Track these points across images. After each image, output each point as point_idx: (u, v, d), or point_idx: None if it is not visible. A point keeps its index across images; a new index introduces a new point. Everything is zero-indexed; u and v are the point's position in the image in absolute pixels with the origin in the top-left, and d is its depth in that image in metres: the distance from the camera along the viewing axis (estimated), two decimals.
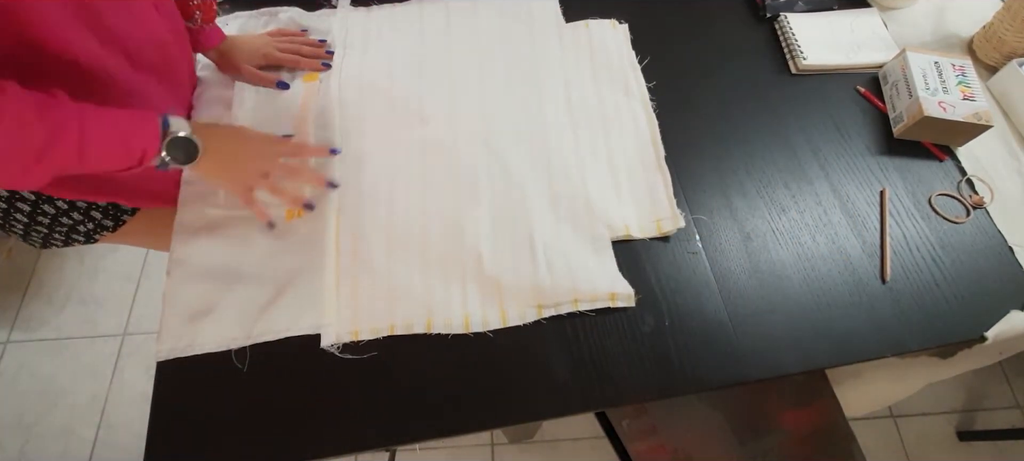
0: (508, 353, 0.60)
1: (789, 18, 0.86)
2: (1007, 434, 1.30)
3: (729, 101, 0.79)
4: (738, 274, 0.66)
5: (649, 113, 0.76)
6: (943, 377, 0.78)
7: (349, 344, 0.59)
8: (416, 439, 0.58)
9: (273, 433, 0.56)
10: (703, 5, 0.90)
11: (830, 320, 0.63)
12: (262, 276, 0.61)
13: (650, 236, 0.67)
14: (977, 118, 0.71)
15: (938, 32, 0.88)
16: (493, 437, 1.36)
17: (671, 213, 0.67)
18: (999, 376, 1.45)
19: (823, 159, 0.74)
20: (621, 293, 0.61)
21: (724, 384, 0.60)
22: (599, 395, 0.58)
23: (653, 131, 0.74)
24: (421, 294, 0.61)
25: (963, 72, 0.76)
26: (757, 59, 0.84)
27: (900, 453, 1.35)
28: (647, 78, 0.80)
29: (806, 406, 0.84)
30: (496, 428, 0.93)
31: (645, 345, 0.61)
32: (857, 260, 0.67)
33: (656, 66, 0.82)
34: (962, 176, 0.73)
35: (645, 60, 0.81)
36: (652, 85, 0.79)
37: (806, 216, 0.70)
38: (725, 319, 0.63)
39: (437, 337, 0.61)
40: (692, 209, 0.70)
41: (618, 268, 0.64)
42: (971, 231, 0.69)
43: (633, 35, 0.84)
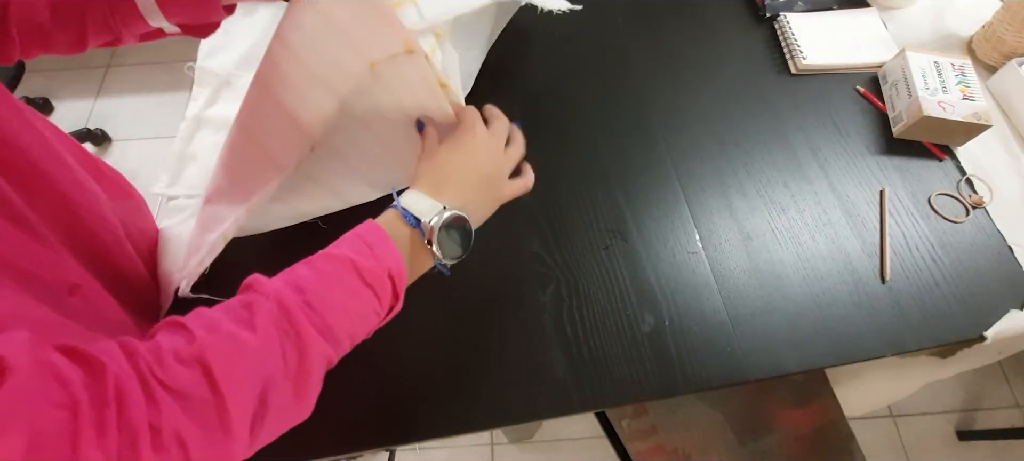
0: (508, 353, 0.60)
1: (789, 18, 0.86)
2: (1006, 434, 1.30)
3: (729, 101, 0.79)
4: (738, 274, 0.66)
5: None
6: (943, 377, 0.78)
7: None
8: (416, 439, 0.58)
9: None
10: (702, 5, 0.90)
11: (830, 320, 0.63)
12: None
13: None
14: (976, 118, 0.71)
15: (937, 32, 0.88)
16: (493, 437, 1.36)
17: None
18: (999, 376, 1.45)
19: (823, 159, 0.74)
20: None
21: (724, 384, 0.60)
22: (599, 395, 0.58)
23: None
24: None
25: (962, 72, 0.76)
26: (757, 59, 0.84)
27: (900, 452, 1.35)
28: (647, 78, 0.80)
29: (806, 406, 0.84)
30: (496, 428, 0.93)
31: (645, 345, 0.61)
32: (857, 260, 0.67)
33: (655, 66, 0.82)
34: (962, 176, 0.73)
35: (639, 57, 0.81)
36: (652, 85, 0.79)
37: (806, 216, 0.70)
38: (725, 319, 0.63)
39: (437, 337, 0.61)
40: (692, 209, 0.70)
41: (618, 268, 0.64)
42: (971, 231, 0.69)
43: (633, 34, 0.84)
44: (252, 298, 0.35)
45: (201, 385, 0.30)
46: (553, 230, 0.68)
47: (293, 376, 0.35)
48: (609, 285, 0.64)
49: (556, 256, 0.66)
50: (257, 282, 0.37)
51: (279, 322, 0.35)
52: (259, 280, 0.37)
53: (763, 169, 0.73)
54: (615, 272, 0.65)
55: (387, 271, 0.40)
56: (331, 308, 0.37)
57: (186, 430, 0.29)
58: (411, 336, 0.61)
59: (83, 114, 1.91)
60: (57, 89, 1.96)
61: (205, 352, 0.31)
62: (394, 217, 0.44)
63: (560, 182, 0.72)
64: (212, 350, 0.31)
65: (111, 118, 1.90)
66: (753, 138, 0.76)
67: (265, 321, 0.34)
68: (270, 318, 0.34)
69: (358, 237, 0.41)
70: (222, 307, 0.35)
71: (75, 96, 1.96)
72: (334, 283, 0.38)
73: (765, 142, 0.76)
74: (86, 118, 1.90)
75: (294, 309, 0.35)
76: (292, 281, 0.37)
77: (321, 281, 0.38)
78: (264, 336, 0.34)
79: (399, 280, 0.42)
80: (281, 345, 0.34)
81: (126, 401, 0.28)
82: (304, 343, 0.35)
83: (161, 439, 0.28)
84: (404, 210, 0.43)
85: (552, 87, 0.80)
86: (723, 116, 0.78)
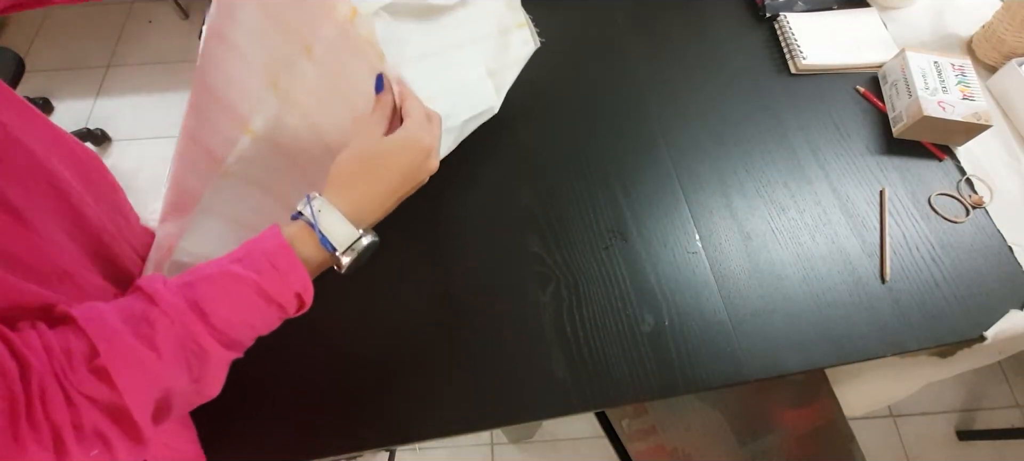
0: (508, 353, 0.60)
1: (789, 18, 0.86)
2: (1006, 434, 1.30)
3: (729, 101, 0.79)
4: (738, 274, 0.66)
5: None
6: (943, 377, 0.78)
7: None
8: (416, 439, 0.58)
9: (272, 433, 0.56)
10: (703, 5, 0.90)
11: (830, 320, 0.63)
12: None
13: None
14: (976, 118, 0.71)
15: (937, 32, 0.88)
16: (493, 437, 1.36)
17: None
18: (998, 376, 1.45)
19: (823, 159, 0.74)
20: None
21: (724, 384, 0.60)
22: (599, 395, 0.58)
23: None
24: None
25: (962, 72, 0.76)
26: (757, 59, 0.84)
27: (900, 452, 1.35)
28: (647, 78, 0.80)
29: (806, 406, 0.84)
30: (496, 428, 0.93)
31: (645, 345, 0.61)
32: (857, 260, 0.67)
33: (655, 66, 0.82)
34: (961, 176, 0.73)
35: (639, 56, 0.81)
36: (652, 85, 0.79)
37: (806, 216, 0.70)
38: (725, 319, 0.63)
39: (436, 337, 0.61)
40: (692, 209, 0.70)
41: (618, 269, 0.64)
42: (970, 231, 0.69)
43: (633, 34, 0.84)
44: (152, 313, 0.36)
45: (107, 394, 0.33)
46: (553, 230, 0.68)
47: (196, 380, 0.37)
48: (609, 285, 0.64)
49: (556, 256, 0.66)
50: (156, 292, 0.37)
51: (183, 341, 0.36)
52: (157, 290, 0.37)
53: (763, 169, 0.73)
54: (615, 272, 0.65)
55: (294, 292, 0.41)
56: (234, 326, 0.38)
57: (104, 426, 0.32)
58: (411, 336, 0.61)
59: (83, 114, 1.91)
60: (57, 89, 1.96)
61: (108, 365, 0.33)
62: (309, 238, 0.42)
63: (560, 182, 0.72)
64: (115, 365, 0.33)
65: (111, 118, 1.90)
66: (753, 138, 0.76)
67: (166, 340, 0.35)
68: (173, 338, 0.36)
69: (265, 256, 0.40)
70: (121, 312, 0.36)
71: (75, 96, 1.95)
72: (237, 304, 0.39)
73: (765, 142, 0.76)
74: (86, 118, 1.90)
75: (197, 330, 0.36)
76: (193, 301, 0.37)
77: (223, 302, 0.38)
78: (166, 355, 0.35)
79: (306, 294, 0.42)
80: (186, 361, 0.36)
81: (48, 401, 0.30)
82: (208, 356, 0.37)
83: (83, 434, 0.32)
84: (322, 236, 0.42)
85: (552, 87, 0.80)
86: (723, 116, 0.78)
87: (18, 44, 2.01)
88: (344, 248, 0.42)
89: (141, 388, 0.34)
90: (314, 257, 0.42)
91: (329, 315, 0.61)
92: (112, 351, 0.33)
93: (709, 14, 0.89)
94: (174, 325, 0.36)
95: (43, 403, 0.30)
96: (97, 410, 0.32)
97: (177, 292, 0.37)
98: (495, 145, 0.74)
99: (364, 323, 0.62)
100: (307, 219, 0.42)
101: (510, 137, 0.75)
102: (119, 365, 0.33)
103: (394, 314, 0.62)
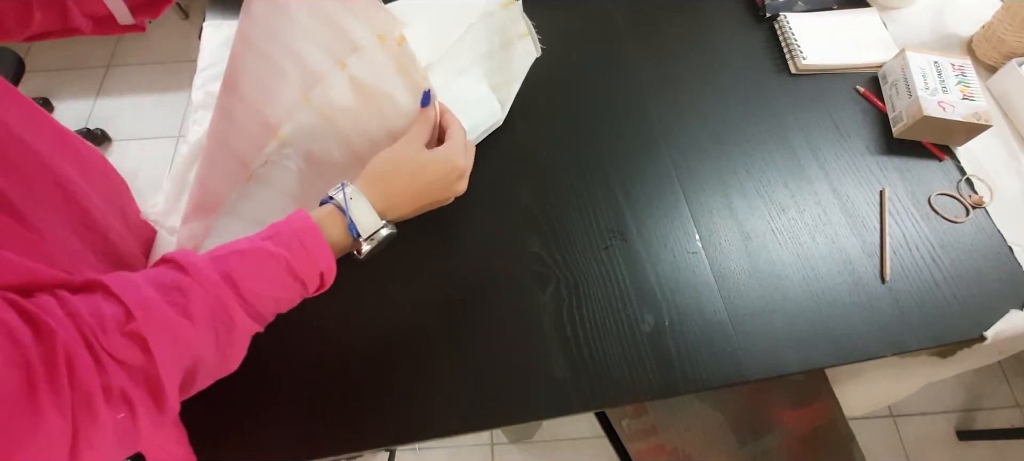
0: (508, 353, 0.60)
1: (789, 18, 0.86)
2: (1006, 434, 1.30)
3: (729, 101, 0.79)
4: (738, 274, 0.66)
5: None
6: (943, 377, 0.78)
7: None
8: (416, 439, 0.58)
9: (272, 433, 0.56)
10: (703, 5, 0.90)
11: (830, 320, 0.63)
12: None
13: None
14: (976, 118, 0.71)
15: (937, 32, 0.88)
16: (493, 437, 1.36)
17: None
18: (998, 376, 1.45)
19: (823, 159, 0.74)
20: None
21: (724, 384, 0.60)
22: (599, 395, 0.58)
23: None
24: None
25: (962, 72, 0.76)
26: (757, 59, 0.84)
27: (900, 452, 1.35)
28: (647, 78, 0.80)
29: (806, 406, 0.84)
30: (496, 428, 0.93)
31: (645, 345, 0.61)
32: (857, 260, 0.67)
33: (655, 66, 0.82)
34: (961, 176, 0.73)
35: (639, 56, 0.81)
36: (652, 85, 0.79)
37: (806, 216, 0.70)
38: (725, 319, 0.63)
39: (436, 337, 0.61)
40: (692, 209, 0.70)
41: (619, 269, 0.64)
42: (970, 231, 0.69)
43: (633, 34, 0.84)
44: (185, 282, 0.37)
45: (140, 359, 0.33)
46: (553, 230, 0.68)
47: (223, 351, 0.39)
48: (609, 285, 0.64)
49: (556, 256, 0.66)
50: (189, 264, 0.38)
51: (214, 311, 0.37)
52: (190, 261, 0.38)
53: (763, 169, 0.73)
54: (615, 272, 0.65)
55: (319, 270, 0.43)
56: (262, 299, 0.40)
57: (132, 391, 0.32)
58: (410, 336, 0.61)
59: (83, 114, 1.91)
60: (57, 89, 1.96)
61: (144, 331, 0.33)
62: (338, 223, 0.45)
63: (560, 182, 0.72)
64: (151, 331, 0.33)
65: (111, 118, 1.90)
66: (753, 138, 0.76)
67: (200, 310, 0.36)
68: (205, 307, 0.37)
69: (295, 236, 0.42)
70: (152, 281, 0.36)
71: (75, 96, 1.96)
72: (267, 279, 0.41)
73: (765, 142, 0.76)
74: (86, 118, 1.90)
75: (228, 301, 0.38)
76: (226, 273, 0.39)
77: (254, 276, 0.40)
78: (199, 324, 0.36)
79: (328, 275, 0.44)
80: (214, 330, 0.37)
81: (76, 364, 0.30)
82: (235, 327, 0.39)
83: (112, 396, 0.31)
84: (351, 222, 0.45)
85: (552, 87, 0.80)
86: (723, 116, 0.78)
87: (18, 44, 2.00)
88: (367, 235, 0.45)
89: (173, 355, 0.34)
90: (339, 241, 0.45)
91: (329, 315, 0.61)
92: (147, 317, 0.34)
93: (709, 14, 0.89)
94: (207, 295, 0.37)
95: (69, 368, 0.30)
96: (126, 374, 0.32)
97: (209, 264, 0.39)
98: (495, 145, 0.74)
99: (364, 323, 0.62)
100: (338, 203, 0.45)
101: (510, 137, 0.75)
102: (154, 330, 0.33)
103: (394, 314, 0.62)
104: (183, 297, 0.36)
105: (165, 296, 0.36)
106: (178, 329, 0.35)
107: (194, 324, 0.36)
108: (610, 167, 0.73)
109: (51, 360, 0.29)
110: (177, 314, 0.35)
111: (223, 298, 0.38)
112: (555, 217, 0.69)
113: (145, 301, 0.34)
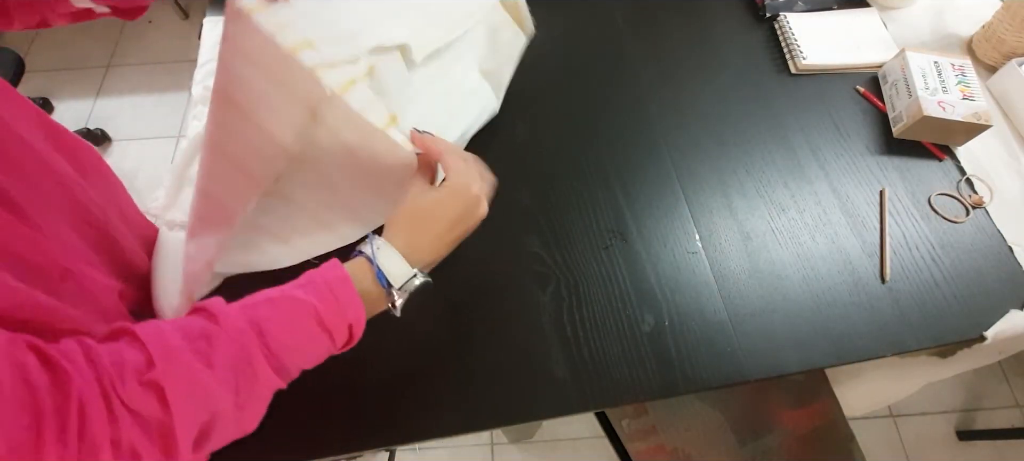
0: (508, 353, 0.60)
1: (789, 18, 0.86)
2: (1006, 433, 1.30)
3: (729, 101, 0.79)
4: (738, 274, 0.66)
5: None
6: (943, 377, 0.78)
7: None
8: (416, 439, 0.58)
9: (273, 433, 0.56)
10: (703, 5, 0.90)
11: (830, 320, 0.63)
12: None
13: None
14: (976, 118, 0.71)
15: (937, 32, 0.88)
16: (493, 437, 1.36)
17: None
18: (998, 376, 1.45)
19: (823, 159, 0.74)
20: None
21: (724, 384, 0.60)
22: (599, 395, 0.58)
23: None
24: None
25: (962, 72, 0.76)
26: (757, 59, 0.84)
27: (900, 452, 1.35)
28: (647, 78, 0.80)
29: (806, 406, 0.84)
30: (496, 428, 0.93)
31: (645, 345, 0.61)
32: (857, 260, 0.67)
33: (655, 66, 0.82)
34: (961, 176, 0.73)
35: (639, 56, 0.81)
36: (652, 85, 0.79)
37: (806, 216, 0.70)
38: (725, 319, 0.63)
39: (437, 337, 0.61)
40: (692, 209, 0.70)
41: (620, 269, 0.64)
42: (970, 231, 0.69)
43: (633, 34, 0.84)
44: (212, 330, 0.36)
45: (156, 410, 0.32)
46: (553, 230, 0.68)
47: (242, 407, 0.37)
48: (609, 285, 0.64)
49: (556, 256, 0.66)
50: (219, 312, 0.38)
51: (237, 362, 0.36)
52: (220, 309, 0.38)
53: (763, 169, 0.73)
54: (615, 272, 0.65)
55: (348, 322, 0.42)
56: (288, 350, 0.39)
57: (141, 446, 0.31)
58: (411, 336, 0.61)
59: (83, 114, 1.91)
60: (57, 89, 1.96)
61: (163, 380, 0.32)
62: (367, 273, 0.44)
63: (560, 182, 0.72)
64: (169, 380, 0.33)
65: (111, 118, 1.90)
66: (753, 138, 0.76)
67: (224, 359, 0.36)
68: (229, 357, 0.36)
69: (326, 285, 0.42)
70: (180, 328, 0.36)
71: (75, 96, 1.95)
72: (295, 328, 0.40)
73: (765, 142, 0.76)
74: (86, 118, 1.90)
75: (254, 351, 0.37)
76: (254, 321, 0.38)
77: (282, 324, 0.39)
78: (221, 374, 0.35)
79: (357, 327, 0.43)
80: (235, 382, 0.36)
81: (88, 415, 0.29)
82: (258, 380, 0.38)
83: (120, 451, 0.31)
84: (379, 271, 0.44)
85: (551, 87, 0.80)
86: (723, 116, 0.78)
87: (18, 44, 2.00)
88: (399, 285, 0.45)
89: (190, 407, 0.34)
90: (370, 291, 0.44)
91: None
92: (168, 366, 0.33)
93: (709, 14, 0.89)
94: (232, 343, 0.36)
95: (81, 419, 0.29)
96: (139, 427, 0.32)
97: (239, 312, 0.38)
98: (495, 145, 0.74)
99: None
100: (366, 254, 0.45)
101: (510, 137, 0.75)
102: (173, 381, 0.33)
103: (394, 315, 0.62)
104: (208, 345, 0.36)
105: (190, 344, 0.35)
106: (198, 378, 0.34)
107: (215, 373, 0.35)
108: (610, 167, 0.73)
109: (64, 408, 0.29)
110: (199, 363, 0.34)
111: (248, 347, 0.37)
112: (555, 217, 0.69)
113: (169, 349, 0.34)
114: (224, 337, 0.36)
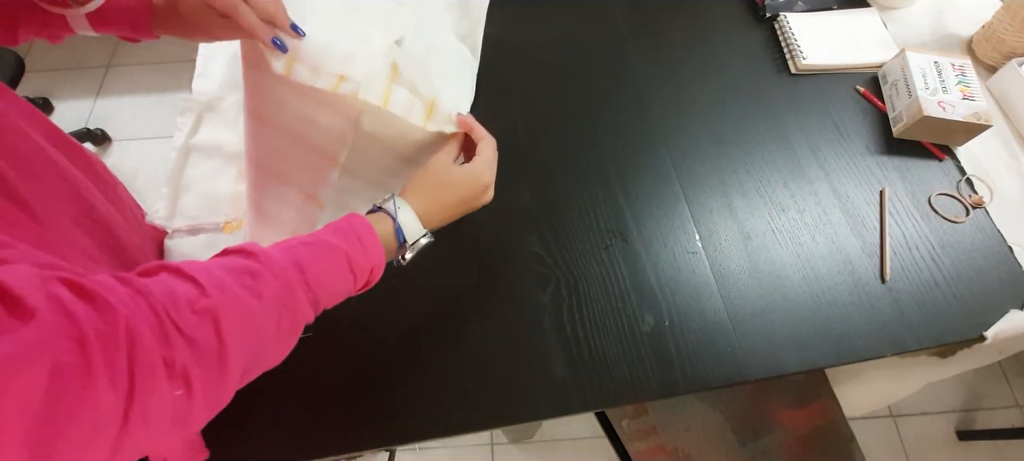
0: (508, 353, 0.60)
1: (789, 18, 0.86)
2: (1006, 433, 1.30)
3: (729, 101, 0.79)
4: (738, 274, 0.66)
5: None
6: (943, 376, 0.78)
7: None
8: (416, 439, 0.58)
9: (272, 433, 0.56)
10: (702, 5, 0.90)
11: (830, 320, 0.63)
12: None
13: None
14: (976, 118, 0.71)
15: (937, 32, 0.88)
16: (493, 437, 1.36)
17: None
18: (998, 376, 1.45)
19: (823, 159, 0.74)
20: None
21: (724, 384, 0.60)
22: (599, 395, 0.58)
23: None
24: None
25: (962, 72, 0.76)
26: (757, 59, 0.84)
27: (900, 452, 1.35)
28: (647, 78, 0.80)
29: (806, 406, 0.84)
30: (496, 428, 0.93)
31: (645, 345, 0.61)
32: (857, 260, 0.67)
33: (655, 66, 0.82)
34: (961, 176, 0.73)
35: (639, 56, 0.81)
36: (652, 85, 0.79)
37: (806, 216, 0.70)
38: (725, 319, 0.63)
39: (437, 337, 0.61)
40: (692, 209, 0.70)
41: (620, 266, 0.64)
42: (970, 231, 0.69)
43: (633, 34, 0.84)
44: (256, 267, 0.38)
45: (211, 338, 0.33)
46: (553, 230, 0.68)
47: (282, 338, 0.40)
48: (609, 285, 0.64)
49: (556, 256, 0.66)
50: (260, 252, 0.40)
51: (282, 297, 0.39)
52: (259, 249, 0.40)
53: (763, 169, 0.73)
54: (615, 272, 0.65)
55: (371, 266, 0.46)
56: (322, 287, 0.42)
57: (193, 370, 0.32)
58: (411, 336, 0.61)
59: (83, 114, 1.91)
60: (57, 89, 1.96)
61: (218, 310, 0.33)
62: (388, 226, 0.48)
63: (560, 182, 0.72)
64: (224, 310, 0.34)
65: (111, 118, 1.90)
66: (753, 138, 0.76)
67: (271, 294, 0.38)
68: (275, 292, 0.38)
69: (354, 233, 0.45)
70: (223, 267, 0.37)
71: (75, 96, 1.95)
72: (329, 268, 0.43)
73: (765, 142, 0.76)
74: (86, 118, 1.90)
75: (297, 287, 0.40)
76: (295, 260, 0.41)
77: (319, 264, 0.42)
78: (268, 308, 0.37)
79: (376, 272, 0.47)
80: (279, 316, 0.38)
81: (137, 341, 0.29)
82: (298, 314, 0.40)
83: (174, 372, 0.31)
84: (398, 227, 0.48)
85: (551, 87, 0.80)
86: (723, 116, 0.78)
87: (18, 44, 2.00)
88: (412, 242, 0.49)
89: (242, 337, 0.35)
90: (387, 242, 0.48)
91: (329, 316, 0.61)
92: (223, 296, 0.34)
93: (709, 14, 0.89)
94: (276, 280, 0.38)
95: (130, 342, 0.29)
96: (192, 353, 0.32)
97: (279, 253, 0.40)
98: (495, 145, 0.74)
99: (364, 323, 0.62)
100: (388, 211, 0.49)
101: (510, 137, 0.75)
102: (227, 310, 0.34)
103: (394, 314, 0.62)
104: (254, 280, 0.37)
105: (237, 279, 0.36)
106: (249, 310, 0.35)
107: (263, 306, 0.36)
108: (610, 167, 0.73)
109: (110, 333, 0.28)
110: (249, 295, 0.36)
111: (292, 284, 0.39)
112: (555, 217, 0.69)
113: (219, 281, 0.35)
114: (268, 275, 0.38)
